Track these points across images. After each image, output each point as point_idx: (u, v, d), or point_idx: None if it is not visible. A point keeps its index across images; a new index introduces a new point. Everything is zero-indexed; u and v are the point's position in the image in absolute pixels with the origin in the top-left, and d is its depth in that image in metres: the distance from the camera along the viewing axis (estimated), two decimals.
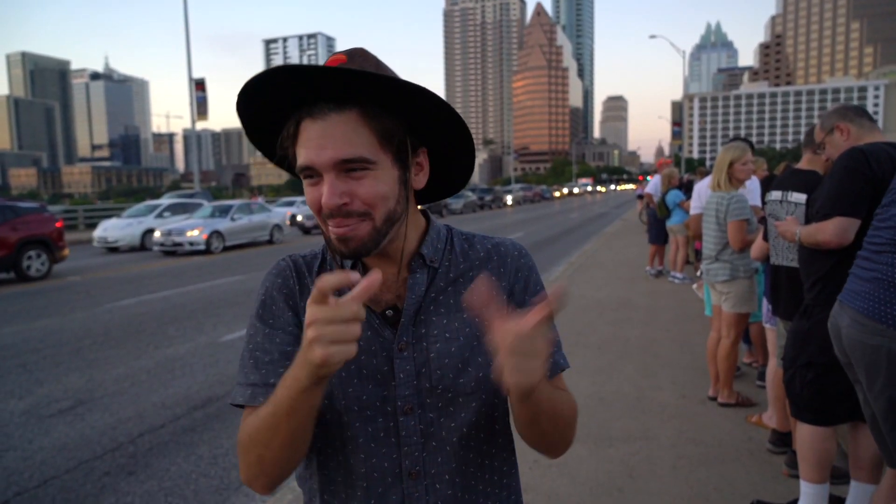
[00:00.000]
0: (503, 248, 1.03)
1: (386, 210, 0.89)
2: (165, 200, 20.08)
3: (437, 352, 0.93)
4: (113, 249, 17.71)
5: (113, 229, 17.79)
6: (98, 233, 17.82)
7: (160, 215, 18.63)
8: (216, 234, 16.19)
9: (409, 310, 0.93)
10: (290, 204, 26.62)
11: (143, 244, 17.61)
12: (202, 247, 15.63)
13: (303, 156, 0.87)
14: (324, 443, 0.94)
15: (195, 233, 15.72)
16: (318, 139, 0.85)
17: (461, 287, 0.98)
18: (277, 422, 0.81)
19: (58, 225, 12.37)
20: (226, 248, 16.54)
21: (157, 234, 16.19)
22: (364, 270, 0.95)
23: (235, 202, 18.60)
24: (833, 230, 2.36)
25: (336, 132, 0.85)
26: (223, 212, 17.40)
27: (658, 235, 9.79)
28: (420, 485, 0.92)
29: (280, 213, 20.06)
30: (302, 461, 0.90)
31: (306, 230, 22.49)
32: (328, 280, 0.71)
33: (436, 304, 0.95)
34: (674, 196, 8.78)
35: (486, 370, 0.95)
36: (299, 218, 22.88)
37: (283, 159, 0.96)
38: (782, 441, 3.31)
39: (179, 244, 15.65)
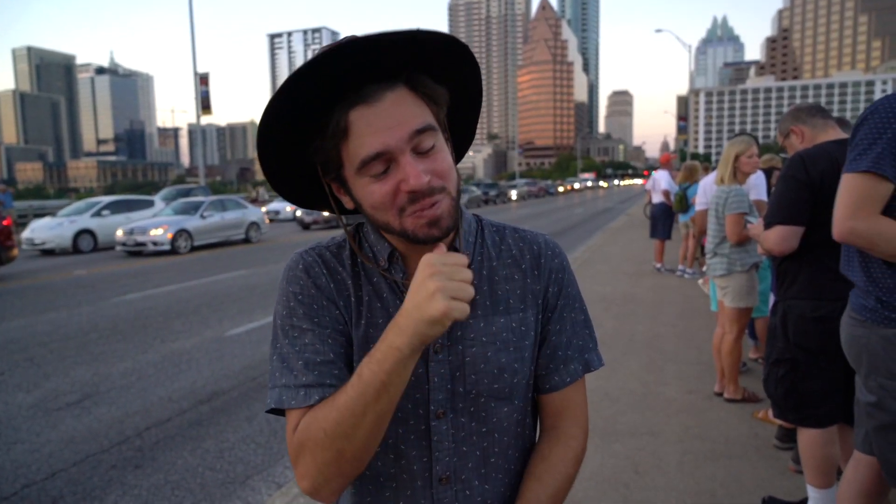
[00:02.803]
0: (536, 247, 0.98)
1: (454, 180, 0.86)
2: (106, 198, 18.01)
3: (472, 356, 0.90)
4: (48, 252, 15.58)
5: (41, 230, 15.57)
6: (26, 234, 15.70)
7: (98, 214, 16.54)
8: (183, 232, 14.87)
9: None
10: None
11: (77, 246, 15.52)
12: (167, 247, 14.36)
13: (369, 144, 0.80)
14: None
15: (159, 231, 14.43)
16: (384, 121, 0.80)
17: (497, 287, 0.94)
18: (365, 405, 0.76)
19: (5, 223, 10.98)
20: (194, 248, 15.25)
21: (119, 233, 14.89)
22: (403, 263, 0.92)
23: (207, 198, 17.04)
24: (774, 239, 2.44)
25: (398, 110, 0.80)
26: (193, 209, 15.85)
27: (664, 231, 9.74)
28: (450, 490, 0.90)
29: (257, 210, 18.37)
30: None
31: (305, 225, 21.87)
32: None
33: (472, 305, 0.89)
34: (695, 190, 8.73)
35: (521, 376, 0.93)
36: (299, 213, 22.57)
37: (288, 182, 0.92)
38: (789, 437, 3.30)
39: (142, 244, 14.36)
